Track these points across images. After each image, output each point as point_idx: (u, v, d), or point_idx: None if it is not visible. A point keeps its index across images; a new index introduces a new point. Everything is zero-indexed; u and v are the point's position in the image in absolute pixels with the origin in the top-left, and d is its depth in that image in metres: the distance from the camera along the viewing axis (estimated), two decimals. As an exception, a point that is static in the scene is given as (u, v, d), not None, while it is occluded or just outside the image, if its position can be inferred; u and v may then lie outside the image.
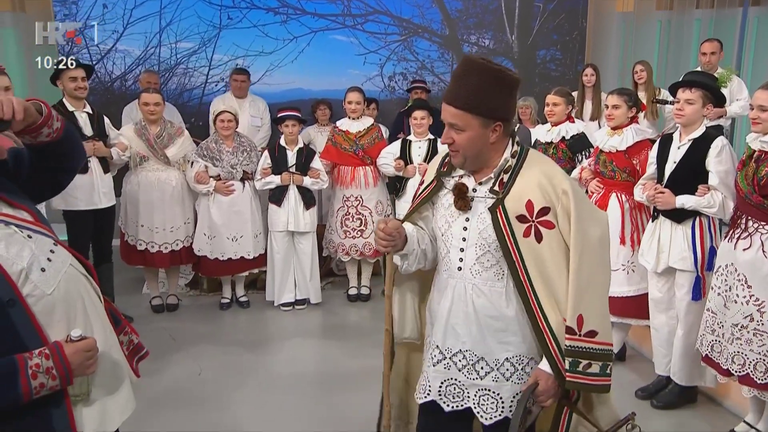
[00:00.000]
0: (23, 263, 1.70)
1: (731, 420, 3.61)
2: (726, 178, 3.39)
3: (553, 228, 1.98)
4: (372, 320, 5.24)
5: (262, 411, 3.82)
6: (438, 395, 2.13)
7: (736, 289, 3.18)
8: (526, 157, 2.05)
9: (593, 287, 1.99)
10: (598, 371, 1.97)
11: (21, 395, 1.63)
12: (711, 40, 6.08)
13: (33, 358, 1.66)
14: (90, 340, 1.75)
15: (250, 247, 5.27)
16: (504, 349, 2.06)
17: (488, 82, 1.93)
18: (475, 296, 2.06)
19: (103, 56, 6.78)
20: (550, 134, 4.79)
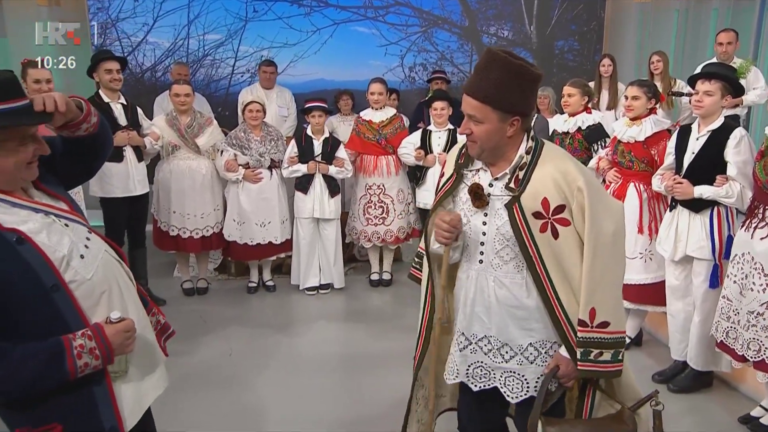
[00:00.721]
0: (64, 251, 1.74)
1: (747, 404, 3.59)
2: (744, 168, 3.37)
3: (569, 225, 1.99)
4: (393, 305, 5.28)
5: (289, 391, 3.85)
6: (466, 377, 2.19)
7: (752, 278, 3.16)
8: (541, 152, 2.04)
9: (606, 281, 2.00)
10: (610, 358, 2.01)
11: (68, 374, 1.69)
12: (727, 30, 6.00)
13: (77, 339, 1.71)
14: (128, 321, 1.81)
15: (278, 233, 5.31)
16: (527, 335, 2.09)
17: (509, 77, 1.92)
18: (496, 288, 2.09)
19: (134, 48, 6.83)
20: (566, 124, 4.78)
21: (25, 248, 1.67)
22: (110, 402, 1.82)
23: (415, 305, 5.10)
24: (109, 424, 1.81)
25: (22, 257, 1.66)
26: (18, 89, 1.71)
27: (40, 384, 1.68)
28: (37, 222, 1.74)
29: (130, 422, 1.87)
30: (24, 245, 1.67)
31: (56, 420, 1.76)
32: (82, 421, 1.79)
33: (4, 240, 1.65)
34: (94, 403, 1.80)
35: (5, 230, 1.66)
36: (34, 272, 1.67)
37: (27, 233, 1.69)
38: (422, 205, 5.39)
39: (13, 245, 1.66)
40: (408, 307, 5.06)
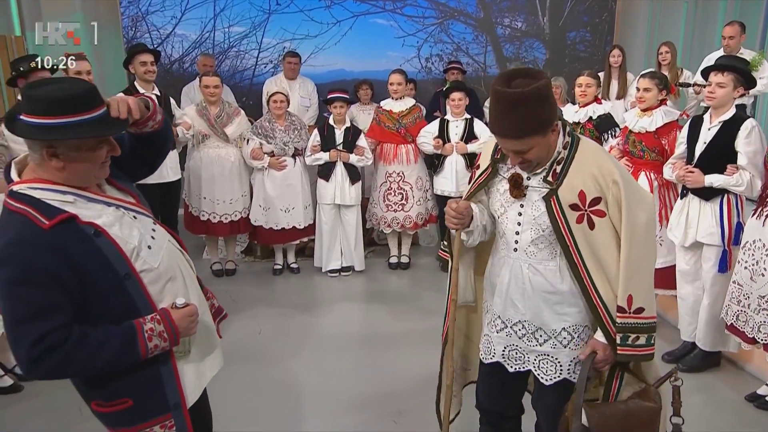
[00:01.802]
0: (134, 242, 1.79)
1: (753, 383, 3.61)
2: (754, 158, 3.36)
3: (604, 216, 2.01)
4: (412, 287, 5.30)
5: (315, 367, 3.91)
6: (502, 358, 2.22)
7: (763, 263, 3.17)
8: (577, 147, 2.05)
9: (641, 268, 2.02)
10: (645, 342, 2.03)
11: (140, 354, 1.76)
12: (732, 23, 5.90)
13: (147, 323, 1.77)
14: (192, 306, 1.86)
15: (301, 218, 5.36)
16: (561, 320, 2.11)
17: (533, 105, 1.90)
18: (531, 274, 2.11)
19: (163, 40, 6.85)
20: (578, 114, 4.79)
21: (101, 240, 1.72)
22: (175, 380, 1.88)
23: (432, 288, 5.19)
24: (174, 401, 1.88)
25: (99, 249, 1.71)
26: (97, 98, 1.74)
27: (116, 364, 1.74)
28: (110, 215, 1.78)
29: (191, 399, 1.93)
30: (100, 238, 1.72)
31: (127, 395, 1.83)
32: (150, 397, 1.86)
33: (83, 233, 1.70)
34: (160, 381, 1.86)
35: (84, 224, 1.71)
36: (109, 262, 1.72)
37: (103, 226, 1.74)
38: (439, 192, 5.41)
39: (92, 238, 1.71)
40: (425, 290, 5.17)
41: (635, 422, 2.03)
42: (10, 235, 1.64)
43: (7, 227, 1.67)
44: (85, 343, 1.67)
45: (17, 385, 3.60)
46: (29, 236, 1.63)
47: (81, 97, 1.68)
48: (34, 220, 1.65)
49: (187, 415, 1.90)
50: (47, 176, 1.72)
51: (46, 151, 1.67)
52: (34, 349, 1.62)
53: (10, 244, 1.63)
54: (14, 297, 1.63)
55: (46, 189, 1.70)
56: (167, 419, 1.88)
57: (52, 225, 1.65)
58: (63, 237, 1.66)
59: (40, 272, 1.62)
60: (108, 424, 1.90)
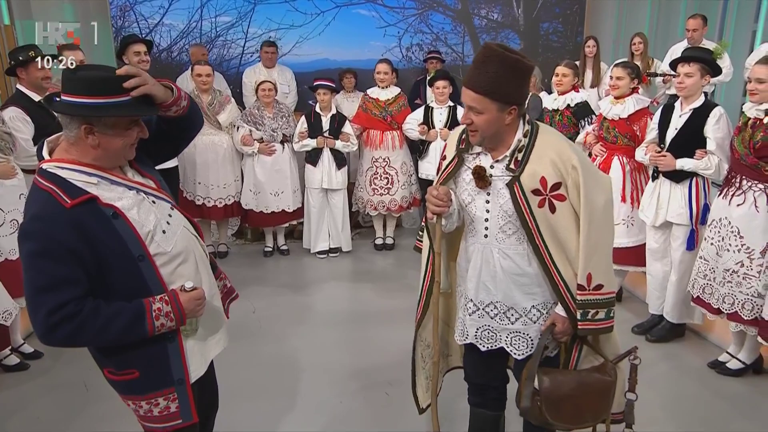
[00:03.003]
0: (150, 226, 1.82)
1: (715, 351, 3.73)
2: (722, 143, 3.43)
3: (564, 200, 2.02)
4: (396, 267, 5.34)
5: (306, 343, 3.94)
6: (474, 338, 2.24)
7: (729, 240, 3.27)
8: (537, 135, 2.05)
9: (600, 248, 2.04)
10: (604, 316, 2.08)
11: (147, 331, 1.79)
12: (695, 16, 6.02)
13: (155, 303, 1.81)
14: (200, 290, 1.89)
15: (290, 201, 5.37)
16: (530, 299, 2.15)
17: (506, 71, 1.92)
18: (501, 259, 2.13)
19: (151, 30, 6.70)
20: (556, 102, 4.82)
21: (119, 222, 1.75)
22: (180, 357, 1.91)
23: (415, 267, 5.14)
24: (178, 376, 1.91)
25: (116, 230, 1.74)
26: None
27: (124, 338, 1.78)
28: (131, 198, 1.81)
29: (195, 375, 1.97)
30: (118, 220, 1.75)
31: (135, 367, 1.87)
32: (156, 371, 1.89)
33: (103, 214, 1.73)
34: (166, 357, 1.89)
35: (104, 205, 1.74)
36: (125, 243, 1.75)
37: (121, 209, 1.76)
38: (424, 175, 5.44)
39: (110, 219, 1.74)
40: (409, 269, 5.16)
41: (586, 391, 2.08)
42: (34, 210, 1.69)
43: (34, 202, 1.72)
44: (96, 315, 1.71)
45: (24, 363, 3.59)
46: (51, 213, 1.67)
47: (120, 80, 1.71)
48: (57, 198, 1.68)
49: (190, 390, 1.94)
50: (79, 156, 1.75)
51: (84, 128, 1.71)
52: (50, 317, 1.67)
53: (35, 219, 1.68)
54: (35, 268, 1.67)
55: (74, 169, 1.74)
56: (170, 392, 1.92)
57: (73, 204, 1.68)
58: (83, 216, 1.69)
59: (59, 247, 1.66)
60: (118, 391, 1.95)
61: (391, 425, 3.06)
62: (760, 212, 3.16)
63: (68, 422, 3.10)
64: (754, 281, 3.19)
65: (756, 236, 3.18)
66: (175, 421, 1.95)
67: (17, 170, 3.46)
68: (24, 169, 3.55)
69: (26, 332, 3.89)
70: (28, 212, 1.72)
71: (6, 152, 3.36)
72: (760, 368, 3.52)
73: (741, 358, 3.51)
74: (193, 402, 1.95)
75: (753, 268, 3.20)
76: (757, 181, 3.17)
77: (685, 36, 6.12)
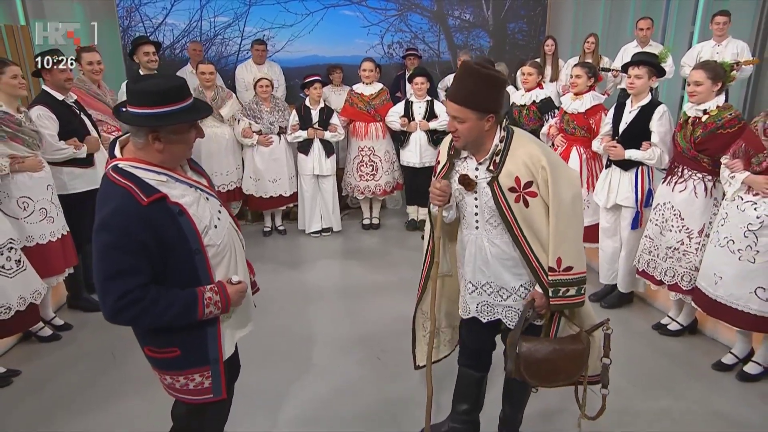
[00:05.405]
0: (206, 221, 1.85)
1: (658, 315, 3.90)
2: (665, 137, 3.54)
3: (536, 196, 2.09)
4: (382, 244, 5.38)
5: (305, 315, 3.98)
6: (476, 312, 2.37)
7: (671, 221, 3.41)
8: (512, 140, 2.13)
9: (569, 236, 2.11)
10: (575, 293, 2.15)
11: (197, 317, 1.85)
12: (645, 18, 6.13)
13: (207, 292, 1.85)
14: (244, 284, 1.96)
15: (287, 187, 5.39)
16: (518, 279, 2.25)
17: (482, 85, 2.01)
18: (490, 246, 2.23)
19: (155, 29, 6.60)
20: (523, 98, 4.87)
21: (183, 219, 1.78)
22: (216, 340, 1.95)
23: (399, 245, 5.34)
24: (213, 356, 1.96)
25: (180, 226, 1.78)
26: (188, 90, 1.81)
27: (177, 321, 1.82)
28: (191, 195, 1.84)
29: (226, 355, 2.01)
30: (183, 217, 1.78)
31: (176, 346, 1.91)
32: (195, 350, 1.94)
33: (171, 211, 1.76)
34: (205, 340, 1.94)
35: (171, 203, 1.77)
36: (186, 238, 1.79)
37: (185, 206, 1.79)
38: (405, 163, 5.50)
39: (176, 216, 1.77)
40: (394, 247, 5.27)
41: (560, 356, 2.15)
42: (114, 205, 1.70)
43: (113, 197, 1.72)
44: (156, 302, 1.76)
45: (56, 335, 3.63)
46: (130, 208, 1.69)
47: (177, 89, 1.74)
48: (135, 195, 1.70)
49: (223, 368, 1.98)
50: (147, 158, 1.77)
51: (151, 135, 1.73)
52: (118, 302, 1.71)
53: (115, 213, 1.69)
54: (108, 258, 1.70)
55: (146, 169, 1.76)
56: (206, 370, 1.96)
57: (149, 202, 1.71)
58: (155, 213, 1.72)
59: (133, 241, 1.69)
60: (156, 366, 1.98)
61: (386, 386, 3.12)
62: (698, 197, 3.30)
63: (97, 386, 3.15)
64: (692, 257, 3.35)
65: (695, 218, 3.32)
66: (207, 395, 1.99)
67: (44, 164, 3.46)
68: (50, 162, 3.55)
69: (56, 306, 3.94)
70: (107, 205, 1.71)
71: (34, 148, 3.36)
72: (695, 329, 3.69)
73: (680, 321, 3.67)
74: (224, 380, 1.99)
75: (692, 245, 3.35)
76: (697, 171, 3.31)
77: (634, 36, 6.23)
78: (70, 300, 4.04)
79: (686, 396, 3.05)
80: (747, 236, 2.93)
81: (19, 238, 3.23)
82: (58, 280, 3.67)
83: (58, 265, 3.56)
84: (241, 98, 5.88)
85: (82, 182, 3.78)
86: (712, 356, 3.38)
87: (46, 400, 3.03)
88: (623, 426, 2.81)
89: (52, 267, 3.51)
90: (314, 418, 2.89)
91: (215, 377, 1.97)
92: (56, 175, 3.59)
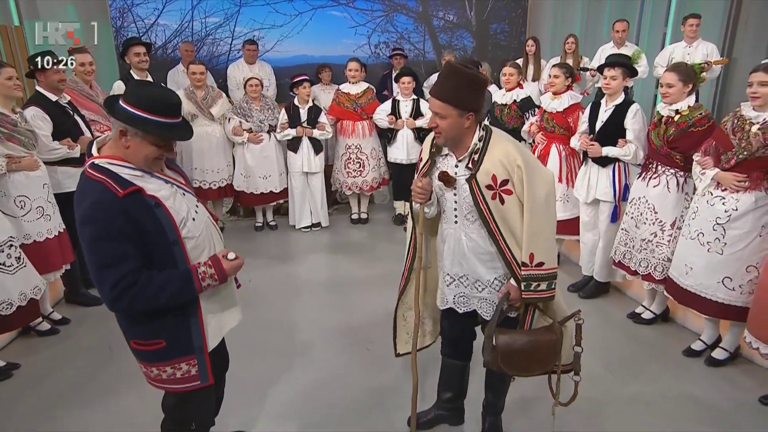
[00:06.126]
0: (184, 214, 1.87)
1: (632, 304, 3.96)
2: (639, 134, 3.59)
3: (512, 194, 2.10)
4: (370, 239, 5.39)
5: (296, 306, 3.99)
6: (453, 303, 2.40)
7: (646, 215, 3.46)
8: (490, 139, 2.14)
9: (541, 233, 2.12)
10: (545, 288, 2.17)
11: (196, 291, 1.88)
12: (621, 20, 6.18)
13: (200, 267, 1.89)
14: (241, 260, 1.99)
15: (277, 183, 5.39)
16: (493, 272, 2.28)
17: (463, 83, 2.03)
18: (467, 241, 2.26)
19: (147, 29, 6.53)
20: (504, 97, 4.88)
21: (160, 211, 1.80)
22: (200, 329, 1.97)
23: (386, 239, 5.35)
24: (197, 345, 1.97)
25: (157, 218, 1.79)
26: (179, 110, 1.84)
27: (178, 299, 1.85)
28: (167, 190, 1.86)
29: (211, 344, 2.02)
30: (159, 208, 1.80)
31: (161, 338, 1.92)
32: (179, 340, 1.95)
33: (147, 203, 1.78)
34: (188, 330, 1.95)
35: (147, 196, 1.79)
36: (164, 229, 1.80)
37: (161, 199, 1.81)
38: (393, 159, 5.50)
39: (152, 208, 1.79)
40: (381, 241, 5.28)
41: (535, 347, 2.18)
42: (92, 199, 1.72)
43: (90, 192, 1.74)
44: (151, 283, 1.78)
45: (54, 329, 3.63)
46: (108, 201, 1.72)
47: (171, 106, 1.79)
48: (111, 188, 1.73)
49: (208, 357, 2.00)
50: (120, 153, 1.80)
51: (120, 130, 1.77)
52: (114, 289, 1.73)
53: (94, 206, 1.71)
54: (97, 249, 1.72)
55: (121, 165, 1.79)
56: (191, 359, 1.97)
57: (125, 194, 1.73)
58: (132, 205, 1.74)
59: (115, 230, 1.71)
60: (143, 359, 1.98)
61: (374, 376, 3.15)
62: (671, 192, 3.36)
63: (95, 378, 3.15)
64: (665, 248, 3.41)
65: (667, 212, 3.38)
66: (194, 382, 2.01)
67: (40, 163, 3.43)
68: (45, 161, 3.52)
69: (54, 301, 3.92)
70: (85, 200, 1.73)
71: (29, 147, 3.33)
72: (667, 317, 3.76)
73: (653, 310, 3.74)
74: (210, 367, 2.01)
75: (664, 237, 3.40)
76: (670, 167, 3.36)
77: (611, 36, 6.27)
78: (68, 295, 4.02)
79: (658, 381, 3.12)
80: (716, 229, 3.00)
81: (17, 236, 3.21)
82: (56, 276, 3.65)
83: (56, 261, 3.54)
84: (233, 97, 5.86)
85: (76, 181, 3.72)
86: (682, 343, 3.45)
87: (45, 393, 3.03)
88: (599, 410, 2.86)
89: (50, 263, 3.49)
90: (304, 406, 2.91)
91: (201, 365, 1.99)
92: (51, 174, 3.57)
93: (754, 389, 3.01)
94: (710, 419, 2.81)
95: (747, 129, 2.88)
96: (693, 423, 2.78)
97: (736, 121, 2.95)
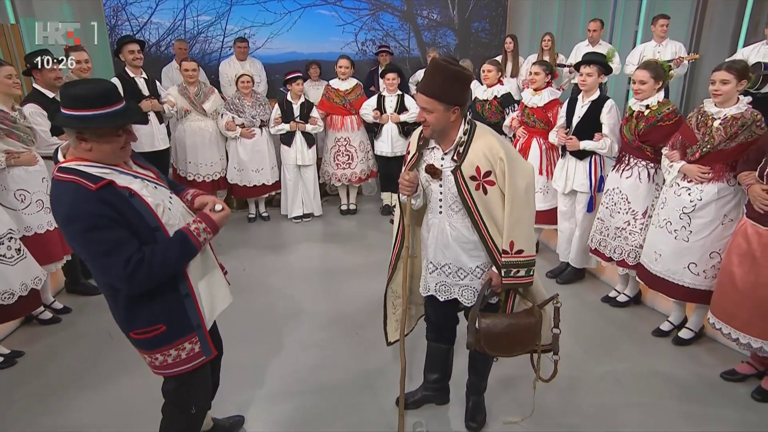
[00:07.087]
0: (159, 201, 1.85)
1: (606, 288, 4.03)
2: (614, 128, 3.64)
3: (494, 185, 2.13)
4: (359, 228, 5.40)
5: (289, 295, 3.99)
6: (434, 291, 2.41)
7: (619, 205, 3.51)
8: (474, 132, 2.16)
9: (521, 222, 2.14)
10: (524, 274, 2.20)
11: (197, 247, 1.89)
12: (595, 20, 6.22)
13: (192, 225, 1.89)
14: (228, 210, 1.99)
15: (269, 176, 5.37)
16: (475, 260, 2.30)
17: (449, 79, 2.04)
18: (451, 230, 2.28)
19: (141, 28, 6.44)
20: (485, 94, 4.90)
21: (135, 201, 1.78)
22: (195, 308, 1.96)
23: (374, 228, 5.36)
24: (196, 322, 1.98)
25: (134, 207, 1.77)
26: (118, 95, 1.76)
27: (184, 261, 1.85)
28: (138, 184, 1.83)
29: (207, 322, 2.02)
30: (134, 198, 1.78)
31: (161, 323, 1.91)
32: (178, 322, 1.95)
33: (121, 194, 1.75)
34: (184, 310, 1.95)
35: (120, 188, 1.76)
36: (143, 217, 1.78)
37: (134, 189, 1.79)
38: (379, 152, 5.50)
39: (127, 198, 1.76)
40: (370, 230, 5.29)
41: (516, 330, 2.22)
42: (69, 199, 1.69)
43: (64, 192, 1.71)
44: (155, 254, 1.77)
45: (56, 317, 3.60)
46: (84, 195, 1.69)
47: (102, 95, 1.72)
48: (82, 185, 1.69)
49: (206, 331, 2.00)
50: (85, 156, 1.76)
51: (77, 136, 1.73)
52: (126, 270, 1.71)
53: (74, 204, 1.68)
54: (91, 242, 1.69)
55: (88, 165, 1.75)
56: (193, 336, 1.98)
57: (97, 188, 1.70)
58: (107, 196, 1.71)
59: (104, 218, 1.68)
60: (146, 348, 1.95)
61: (364, 359, 3.17)
62: (642, 183, 3.41)
63: (96, 365, 3.15)
64: (637, 236, 3.47)
65: (639, 202, 3.43)
66: (199, 359, 2.01)
67: (39, 158, 3.39)
68: (44, 156, 3.48)
69: (55, 291, 3.89)
70: (62, 202, 1.70)
71: (28, 143, 3.29)
72: (639, 300, 3.84)
73: (626, 293, 3.81)
74: (210, 340, 2.01)
75: (636, 226, 3.46)
76: (641, 159, 3.41)
77: (586, 35, 6.32)
78: (69, 285, 3.99)
79: (629, 358, 3.19)
80: (682, 218, 3.06)
81: (18, 229, 3.18)
82: (57, 266, 3.62)
83: (56, 252, 3.51)
84: (225, 92, 5.81)
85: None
86: (651, 324, 3.53)
87: (48, 379, 3.02)
88: (574, 385, 2.93)
89: (51, 254, 3.47)
90: (297, 389, 2.93)
91: (202, 340, 2.00)
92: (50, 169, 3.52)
93: (717, 366, 3.10)
94: (676, 393, 2.89)
95: (710, 124, 2.94)
96: (660, 397, 2.86)
97: (700, 116, 3.01)
